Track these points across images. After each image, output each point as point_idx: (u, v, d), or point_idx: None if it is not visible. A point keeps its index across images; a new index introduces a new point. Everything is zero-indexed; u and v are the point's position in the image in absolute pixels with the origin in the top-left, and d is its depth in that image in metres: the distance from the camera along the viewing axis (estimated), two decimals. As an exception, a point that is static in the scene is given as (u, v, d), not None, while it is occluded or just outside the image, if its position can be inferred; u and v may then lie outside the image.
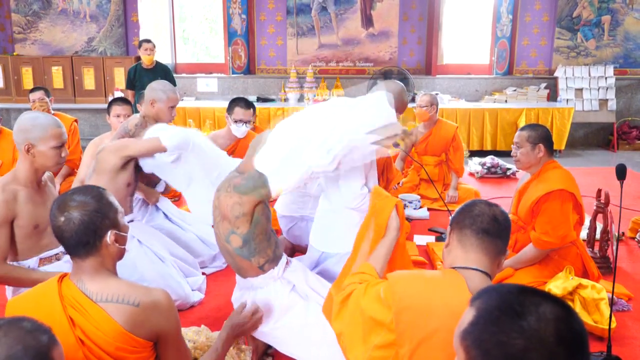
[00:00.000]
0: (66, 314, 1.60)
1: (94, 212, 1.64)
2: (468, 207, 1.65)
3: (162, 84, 3.52)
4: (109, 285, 1.65)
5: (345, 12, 7.96)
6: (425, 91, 7.09)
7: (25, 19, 7.98)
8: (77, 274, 1.68)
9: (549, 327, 0.95)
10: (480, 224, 1.59)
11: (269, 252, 2.32)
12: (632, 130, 7.90)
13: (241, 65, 8.06)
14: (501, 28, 7.94)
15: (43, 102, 4.75)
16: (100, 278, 1.66)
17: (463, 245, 1.61)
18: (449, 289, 1.53)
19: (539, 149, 3.04)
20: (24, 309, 1.65)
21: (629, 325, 2.86)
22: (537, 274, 3.02)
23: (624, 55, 8.00)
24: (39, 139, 2.34)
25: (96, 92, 7.84)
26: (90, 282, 1.65)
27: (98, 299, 1.62)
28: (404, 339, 1.48)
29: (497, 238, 1.59)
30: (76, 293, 1.64)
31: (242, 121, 4.07)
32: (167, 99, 3.42)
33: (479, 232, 1.59)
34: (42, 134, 2.34)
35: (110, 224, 1.68)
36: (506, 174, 6.06)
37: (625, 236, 4.10)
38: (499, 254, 1.61)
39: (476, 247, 1.59)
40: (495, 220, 1.60)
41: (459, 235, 1.63)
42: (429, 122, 4.91)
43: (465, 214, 1.63)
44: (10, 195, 2.34)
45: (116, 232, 1.69)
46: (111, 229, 1.68)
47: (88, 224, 1.63)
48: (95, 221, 1.64)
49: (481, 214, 1.61)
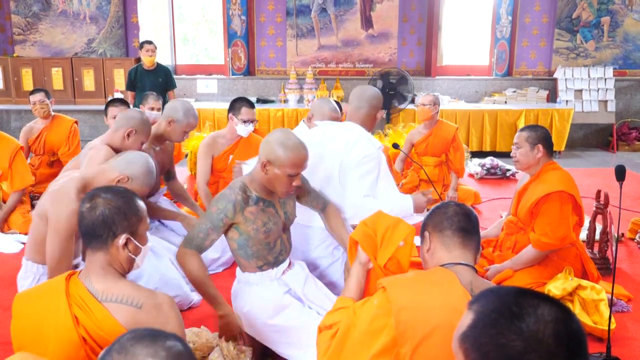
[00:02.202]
0: (71, 312, 1.62)
1: (115, 209, 1.68)
2: (440, 209, 1.74)
3: (186, 106, 3.45)
4: (114, 286, 1.67)
5: (344, 14, 7.97)
6: (425, 92, 7.09)
7: (25, 20, 7.98)
8: (86, 271, 1.71)
9: (548, 328, 0.96)
10: (458, 223, 1.69)
11: (269, 258, 2.34)
12: (631, 131, 7.91)
13: (241, 66, 8.07)
14: (501, 29, 7.95)
15: (44, 104, 4.74)
16: (107, 277, 1.68)
17: (446, 245, 1.69)
18: (443, 285, 1.56)
19: (538, 149, 3.05)
20: (31, 305, 1.69)
21: (628, 326, 2.86)
22: (536, 275, 3.02)
23: (624, 57, 8.01)
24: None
25: (96, 94, 7.84)
26: (97, 281, 1.67)
27: (103, 299, 1.64)
28: (405, 339, 1.49)
29: (474, 234, 1.70)
30: (83, 292, 1.66)
31: (249, 121, 4.09)
32: (187, 124, 3.42)
33: (459, 231, 1.68)
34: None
35: (127, 228, 1.70)
36: (506, 175, 6.07)
37: (625, 237, 4.11)
38: (477, 248, 1.71)
39: (459, 245, 1.68)
40: (469, 218, 1.71)
41: (439, 237, 1.70)
42: (429, 123, 4.92)
43: (442, 216, 1.72)
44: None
45: (129, 237, 1.70)
46: (126, 233, 1.69)
47: (106, 218, 1.66)
48: (114, 218, 1.67)
49: (456, 213, 1.70)
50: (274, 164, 2.18)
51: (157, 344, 1.05)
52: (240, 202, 2.20)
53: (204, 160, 4.17)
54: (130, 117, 3.06)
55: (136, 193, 1.81)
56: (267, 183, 2.25)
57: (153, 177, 2.49)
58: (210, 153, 4.19)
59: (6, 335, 2.77)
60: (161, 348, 1.04)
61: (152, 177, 2.48)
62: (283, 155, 2.17)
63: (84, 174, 2.48)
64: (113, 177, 2.40)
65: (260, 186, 2.29)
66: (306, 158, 2.24)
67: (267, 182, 2.25)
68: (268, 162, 2.19)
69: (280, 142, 2.18)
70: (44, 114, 4.77)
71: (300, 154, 2.20)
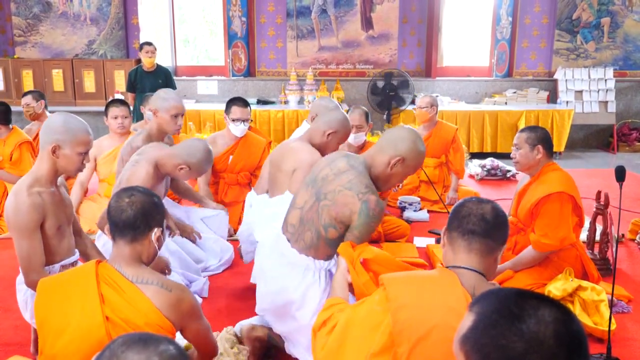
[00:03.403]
0: (99, 290, 1.75)
1: (153, 204, 1.85)
2: (457, 208, 1.65)
3: (163, 91, 3.40)
4: (144, 272, 1.83)
5: (345, 15, 7.97)
6: (425, 93, 7.09)
7: (26, 22, 7.99)
8: (115, 260, 1.85)
9: (548, 329, 0.96)
10: (466, 225, 1.59)
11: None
12: (632, 132, 7.91)
13: (241, 67, 8.07)
14: (501, 30, 7.95)
15: (29, 107, 4.72)
16: (136, 265, 1.84)
17: (453, 246, 1.63)
18: (443, 286, 1.54)
19: (538, 150, 3.05)
20: (56, 288, 1.83)
21: (628, 327, 2.86)
22: (536, 276, 3.02)
23: (624, 57, 8.01)
24: (67, 142, 2.31)
25: (96, 95, 7.85)
26: (127, 266, 1.82)
27: (135, 280, 1.80)
28: (402, 338, 1.48)
29: (485, 237, 1.58)
30: (114, 273, 1.81)
31: (239, 120, 4.09)
32: (169, 107, 3.29)
33: (466, 234, 1.59)
34: (72, 138, 2.31)
35: (160, 221, 1.88)
36: (506, 176, 6.06)
37: (625, 238, 4.11)
38: (491, 251, 1.59)
39: (464, 248, 1.60)
40: (482, 220, 1.58)
41: (449, 237, 1.65)
42: (428, 124, 4.92)
43: (455, 215, 1.64)
44: (38, 197, 2.29)
45: (162, 230, 1.88)
46: (160, 226, 1.87)
47: (146, 210, 1.82)
48: (152, 211, 1.84)
49: (468, 214, 1.60)
50: (405, 162, 2.19)
51: (149, 349, 1.04)
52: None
53: (204, 161, 4.17)
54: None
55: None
56: (386, 178, 2.24)
57: (210, 163, 3.04)
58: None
59: (6, 335, 2.79)
60: (153, 353, 1.03)
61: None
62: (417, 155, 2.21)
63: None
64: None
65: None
66: None
67: (387, 177, 2.23)
68: (402, 160, 2.18)
69: (413, 140, 2.20)
70: (30, 116, 4.79)
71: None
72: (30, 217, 2.26)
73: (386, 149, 2.20)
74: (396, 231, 4.09)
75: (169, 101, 3.30)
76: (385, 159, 2.18)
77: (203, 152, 2.98)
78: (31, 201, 2.26)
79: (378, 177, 2.21)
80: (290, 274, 2.27)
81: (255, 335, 2.46)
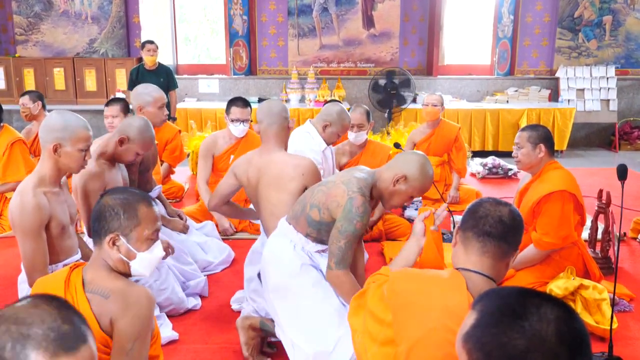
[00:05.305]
0: (65, 298, 1.66)
1: (111, 208, 1.70)
2: (474, 207, 1.60)
3: (142, 87, 3.52)
4: (99, 277, 1.72)
5: (346, 13, 7.96)
6: (427, 92, 7.08)
7: (27, 20, 7.99)
8: (90, 262, 1.78)
9: (550, 327, 0.96)
10: (482, 227, 1.54)
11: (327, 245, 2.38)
12: (633, 131, 7.90)
13: (242, 66, 8.07)
14: (502, 28, 7.94)
15: (25, 108, 4.70)
16: (99, 269, 1.74)
17: (465, 246, 1.58)
18: (448, 289, 1.52)
19: (540, 149, 3.04)
20: (46, 290, 1.76)
21: (630, 326, 2.86)
22: (538, 274, 3.02)
23: (626, 56, 7.99)
24: (68, 140, 2.31)
25: (98, 94, 7.84)
26: (90, 271, 1.74)
27: (87, 289, 1.70)
28: (402, 337, 1.48)
29: (501, 240, 1.53)
30: (77, 280, 1.72)
31: (239, 120, 4.08)
32: (154, 100, 3.43)
33: (481, 235, 1.54)
34: (72, 135, 2.31)
35: (118, 228, 1.70)
36: (508, 175, 6.06)
37: (627, 236, 4.10)
38: (503, 256, 1.55)
39: (477, 250, 1.55)
40: (500, 222, 1.54)
41: (462, 236, 1.60)
42: (432, 122, 4.91)
43: (470, 215, 1.59)
44: (43, 198, 2.29)
45: (115, 238, 1.70)
46: (115, 233, 1.69)
47: (99, 214, 1.71)
48: (106, 216, 1.70)
49: (485, 215, 1.55)
50: (408, 181, 2.29)
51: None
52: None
53: (204, 160, 4.18)
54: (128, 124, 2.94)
55: (150, 198, 1.80)
56: (389, 195, 2.36)
57: (150, 132, 2.87)
58: (211, 153, 4.20)
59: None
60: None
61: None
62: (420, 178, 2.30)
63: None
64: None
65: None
66: None
67: (390, 194, 2.35)
68: (405, 177, 2.29)
69: (421, 165, 2.30)
70: (26, 117, 4.77)
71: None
72: (35, 217, 2.25)
73: (394, 166, 2.34)
74: (397, 230, 4.10)
75: (152, 94, 3.44)
76: (390, 175, 2.32)
77: (139, 120, 2.88)
78: (36, 202, 2.26)
79: (382, 192, 2.36)
80: (281, 241, 2.47)
81: (248, 323, 2.54)
